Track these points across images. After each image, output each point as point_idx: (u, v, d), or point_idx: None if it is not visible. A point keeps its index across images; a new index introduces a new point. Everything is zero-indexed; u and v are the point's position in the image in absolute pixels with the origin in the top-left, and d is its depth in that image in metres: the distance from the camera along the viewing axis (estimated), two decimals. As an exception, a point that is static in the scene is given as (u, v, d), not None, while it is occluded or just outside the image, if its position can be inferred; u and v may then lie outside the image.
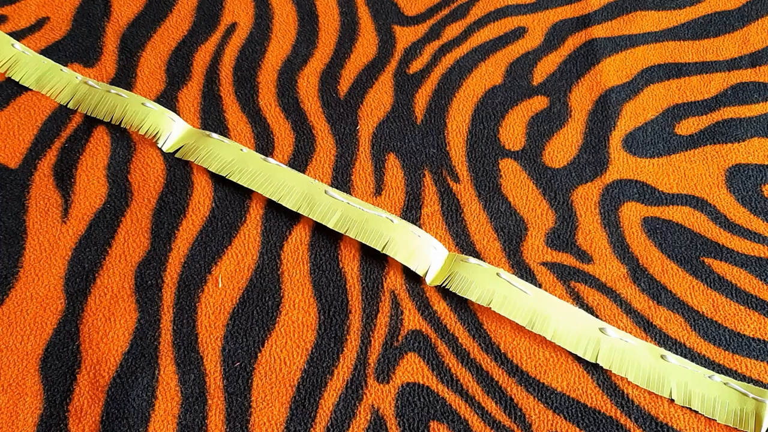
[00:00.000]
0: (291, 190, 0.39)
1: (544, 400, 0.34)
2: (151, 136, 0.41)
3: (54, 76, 0.45)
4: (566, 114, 0.43)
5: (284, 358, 0.35)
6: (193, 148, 0.41)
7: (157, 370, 0.34)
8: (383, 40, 0.47)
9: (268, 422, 0.33)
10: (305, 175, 0.40)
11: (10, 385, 0.34)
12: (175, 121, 0.42)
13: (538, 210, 0.40)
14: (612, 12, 0.48)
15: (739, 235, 0.39)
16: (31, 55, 0.45)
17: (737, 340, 0.35)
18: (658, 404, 0.34)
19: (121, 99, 0.43)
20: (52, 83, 0.44)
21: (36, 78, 0.44)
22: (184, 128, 0.42)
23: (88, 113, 0.42)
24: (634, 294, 0.37)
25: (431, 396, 0.34)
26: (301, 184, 0.39)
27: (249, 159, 0.40)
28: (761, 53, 0.46)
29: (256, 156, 0.40)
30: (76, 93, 0.44)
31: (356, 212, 0.38)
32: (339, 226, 0.37)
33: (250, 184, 0.39)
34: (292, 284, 0.37)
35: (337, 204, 0.38)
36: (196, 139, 0.41)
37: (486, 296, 0.36)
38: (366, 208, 0.38)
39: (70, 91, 0.44)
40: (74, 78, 0.44)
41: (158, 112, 0.42)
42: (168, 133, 0.41)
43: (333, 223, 0.37)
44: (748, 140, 0.42)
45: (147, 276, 0.37)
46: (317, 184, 0.39)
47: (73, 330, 0.35)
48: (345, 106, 0.44)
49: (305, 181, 0.39)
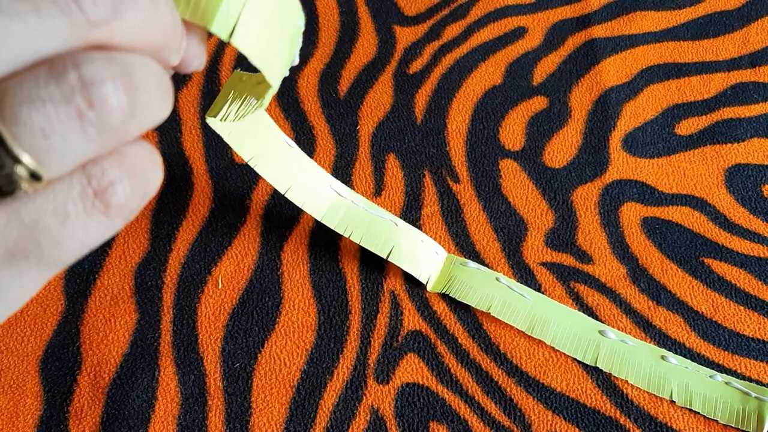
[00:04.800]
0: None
1: (544, 400, 0.34)
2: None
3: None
4: (566, 114, 0.43)
5: (284, 359, 0.35)
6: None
7: (157, 371, 0.34)
8: (383, 40, 0.47)
9: (267, 423, 0.33)
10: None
11: (10, 386, 0.34)
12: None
13: (538, 210, 0.40)
14: (612, 12, 0.48)
15: (739, 235, 0.39)
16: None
17: (737, 340, 0.35)
18: (657, 404, 0.34)
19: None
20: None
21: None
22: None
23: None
24: (634, 294, 0.37)
25: (431, 396, 0.34)
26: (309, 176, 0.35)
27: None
28: (761, 53, 0.46)
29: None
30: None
31: (360, 213, 0.36)
32: (342, 227, 0.35)
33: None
34: (291, 285, 0.37)
35: (341, 202, 0.36)
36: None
37: (485, 301, 0.36)
38: (370, 209, 0.36)
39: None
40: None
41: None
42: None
43: (335, 224, 0.35)
44: (747, 140, 0.42)
45: (147, 277, 0.37)
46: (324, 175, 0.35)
47: (73, 331, 0.35)
48: (345, 106, 0.44)
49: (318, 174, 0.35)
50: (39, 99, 0.13)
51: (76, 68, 0.14)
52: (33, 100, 0.13)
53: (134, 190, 0.16)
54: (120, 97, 0.14)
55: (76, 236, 0.15)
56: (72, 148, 0.14)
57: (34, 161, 0.14)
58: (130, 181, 0.16)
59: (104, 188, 0.15)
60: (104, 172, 0.15)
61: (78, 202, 0.15)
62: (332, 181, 0.36)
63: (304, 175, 0.35)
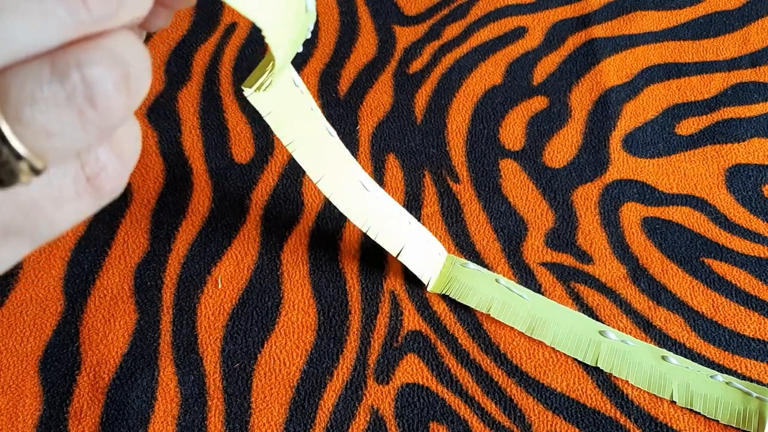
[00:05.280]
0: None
1: (544, 400, 0.34)
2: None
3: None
4: (566, 114, 0.43)
5: (284, 359, 0.35)
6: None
7: (156, 371, 0.34)
8: (383, 39, 0.47)
9: (267, 423, 0.33)
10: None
11: (10, 386, 0.34)
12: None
13: (538, 210, 0.40)
14: (612, 12, 0.48)
15: (739, 235, 0.39)
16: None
17: (737, 340, 0.35)
18: (658, 405, 0.34)
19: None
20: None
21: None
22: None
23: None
24: (634, 294, 0.37)
25: (431, 397, 0.34)
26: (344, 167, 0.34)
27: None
28: (761, 53, 0.46)
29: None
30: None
31: (380, 208, 0.35)
32: (360, 221, 0.34)
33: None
34: (291, 285, 0.37)
35: (365, 196, 0.35)
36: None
37: (485, 303, 0.36)
38: (390, 205, 0.35)
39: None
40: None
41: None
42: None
43: (354, 216, 0.34)
44: (748, 140, 0.42)
45: (146, 277, 0.37)
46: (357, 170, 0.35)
47: (72, 331, 0.35)
48: (345, 106, 0.43)
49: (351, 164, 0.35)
50: (43, 100, 0.14)
51: (79, 69, 0.14)
52: (37, 101, 0.14)
53: (123, 169, 0.17)
54: (121, 95, 0.15)
55: (68, 216, 0.16)
56: (72, 144, 0.15)
57: (35, 158, 0.14)
58: (119, 161, 0.16)
59: (97, 173, 0.16)
60: (97, 158, 0.16)
61: (71, 185, 0.16)
62: (360, 173, 0.35)
63: (338, 165, 0.34)
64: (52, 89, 0.14)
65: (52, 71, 0.14)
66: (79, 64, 0.14)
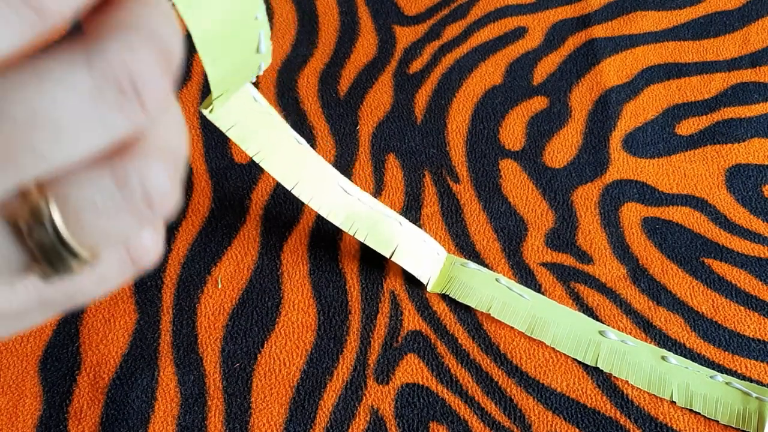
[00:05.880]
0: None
1: (544, 400, 0.34)
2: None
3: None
4: (566, 114, 0.43)
5: (284, 359, 0.35)
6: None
7: (156, 371, 0.34)
8: (383, 40, 0.47)
9: (267, 423, 0.33)
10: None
11: (10, 386, 0.34)
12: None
13: (538, 210, 0.40)
14: (612, 12, 0.48)
15: (739, 235, 0.39)
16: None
17: (737, 340, 0.35)
18: (658, 405, 0.34)
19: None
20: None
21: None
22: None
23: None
24: (634, 294, 0.37)
25: (431, 397, 0.34)
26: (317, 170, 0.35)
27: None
28: (761, 53, 0.46)
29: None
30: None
31: (366, 211, 0.35)
32: (347, 225, 0.35)
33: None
34: (291, 285, 0.37)
35: (347, 200, 0.35)
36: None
37: (485, 302, 0.36)
38: (376, 208, 0.36)
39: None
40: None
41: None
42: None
43: (340, 221, 0.35)
44: (748, 140, 0.42)
45: (146, 277, 0.37)
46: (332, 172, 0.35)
47: (72, 331, 0.35)
48: (345, 106, 0.43)
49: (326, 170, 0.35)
50: (105, 208, 0.14)
51: (139, 177, 0.14)
52: (98, 209, 0.14)
53: (161, 243, 0.18)
54: (174, 191, 0.15)
55: (108, 290, 0.17)
56: (124, 237, 0.15)
57: (90, 253, 0.15)
58: (160, 237, 0.17)
59: (141, 255, 0.17)
60: (142, 241, 0.17)
61: (115, 266, 0.16)
62: (340, 179, 0.35)
63: (312, 171, 0.34)
64: (115, 199, 0.14)
65: (113, 181, 0.14)
66: (140, 174, 0.14)
